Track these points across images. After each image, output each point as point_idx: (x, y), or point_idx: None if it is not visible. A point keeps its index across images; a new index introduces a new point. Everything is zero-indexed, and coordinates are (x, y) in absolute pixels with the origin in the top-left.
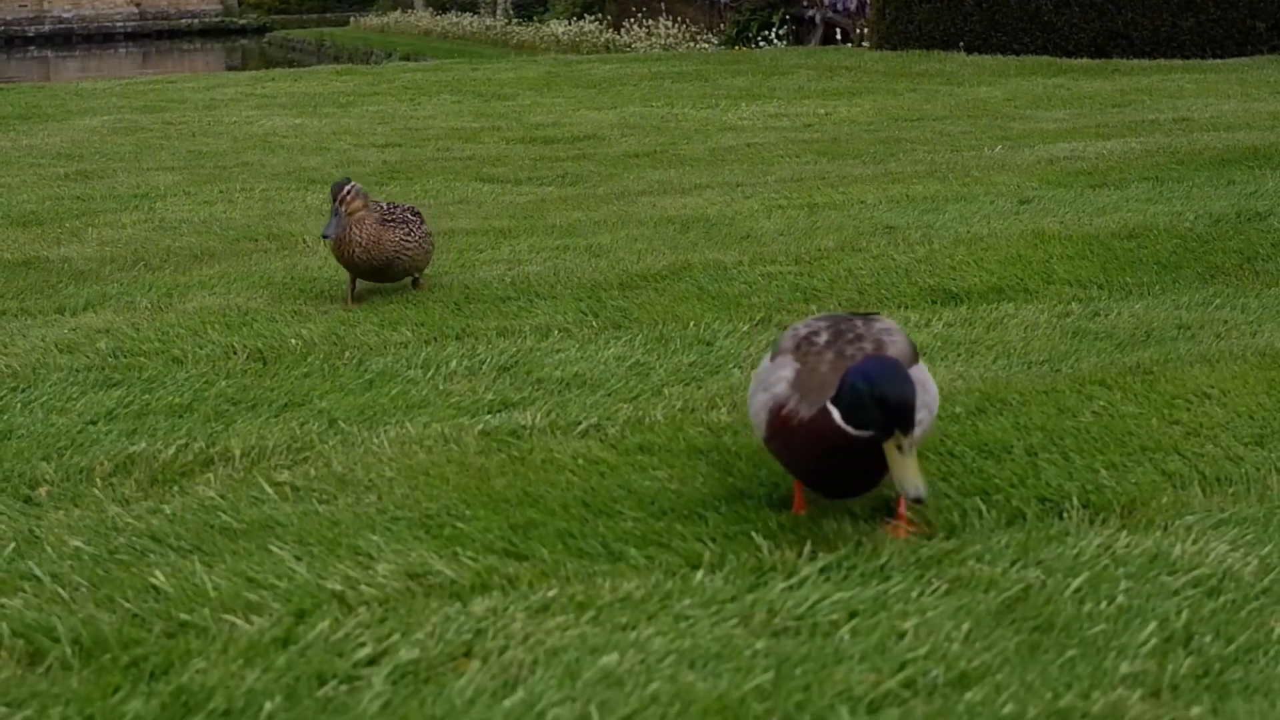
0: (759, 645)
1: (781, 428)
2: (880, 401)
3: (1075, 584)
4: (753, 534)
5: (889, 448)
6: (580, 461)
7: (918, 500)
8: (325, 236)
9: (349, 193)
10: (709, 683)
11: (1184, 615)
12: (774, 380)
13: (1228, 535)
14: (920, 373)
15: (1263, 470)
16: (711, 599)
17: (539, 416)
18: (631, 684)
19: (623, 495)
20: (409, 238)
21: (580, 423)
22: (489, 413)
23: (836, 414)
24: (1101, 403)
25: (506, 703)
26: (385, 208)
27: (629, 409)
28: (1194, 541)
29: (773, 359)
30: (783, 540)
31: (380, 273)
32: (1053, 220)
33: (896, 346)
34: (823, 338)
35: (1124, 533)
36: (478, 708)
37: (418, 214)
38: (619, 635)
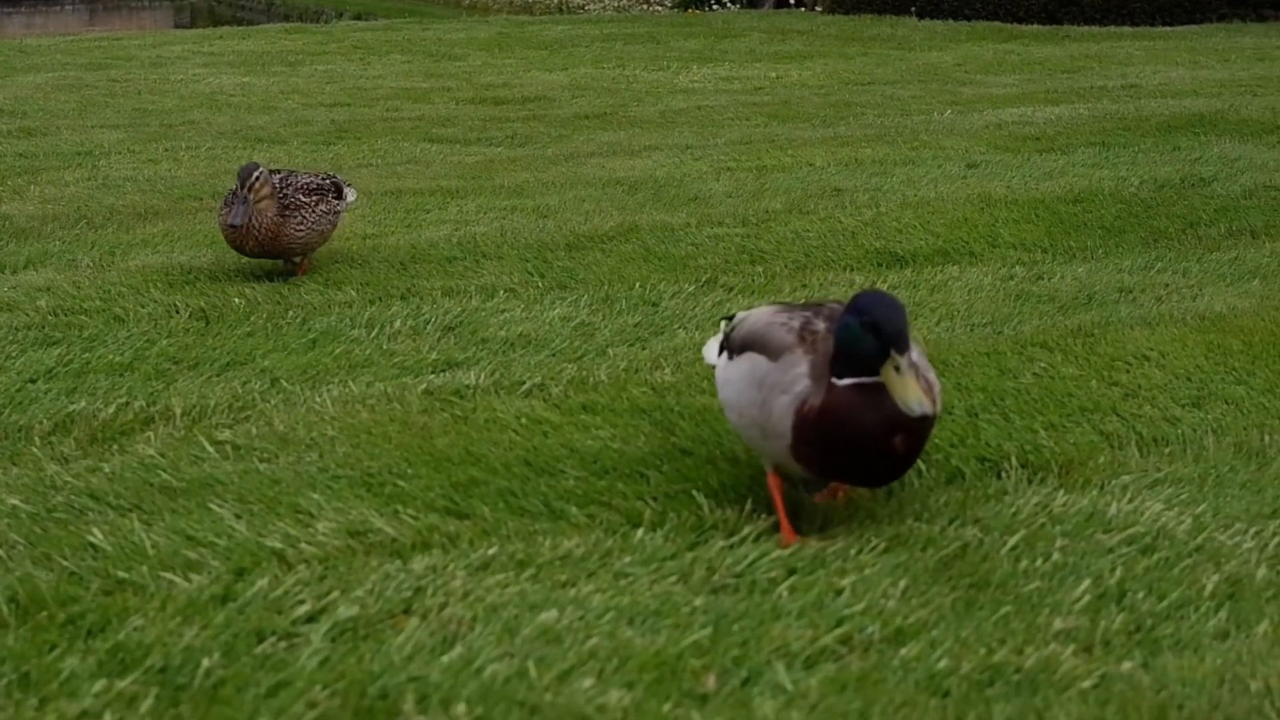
0: (698, 602)
1: (811, 425)
2: (873, 327)
3: (1012, 542)
4: (694, 493)
5: (886, 370)
6: (523, 421)
7: (924, 416)
8: (233, 225)
9: (258, 179)
10: (647, 638)
11: (1118, 572)
12: (791, 380)
13: (1163, 494)
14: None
15: (1199, 431)
16: (651, 557)
17: (483, 376)
18: (570, 640)
19: (565, 454)
20: (301, 226)
21: (524, 382)
22: (433, 372)
23: (839, 377)
24: (1042, 364)
25: (445, 658)
26: (280, 187)
27: (573, 369)
28: (1129, 501)
29: (778, 356)
30: (724, 499)
31: (273, 256)
32: (999, 184)
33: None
34: (819, 324)
35: (1061, 492)
36: (415, 663)
37: (315, 190)
38: (558, 592)
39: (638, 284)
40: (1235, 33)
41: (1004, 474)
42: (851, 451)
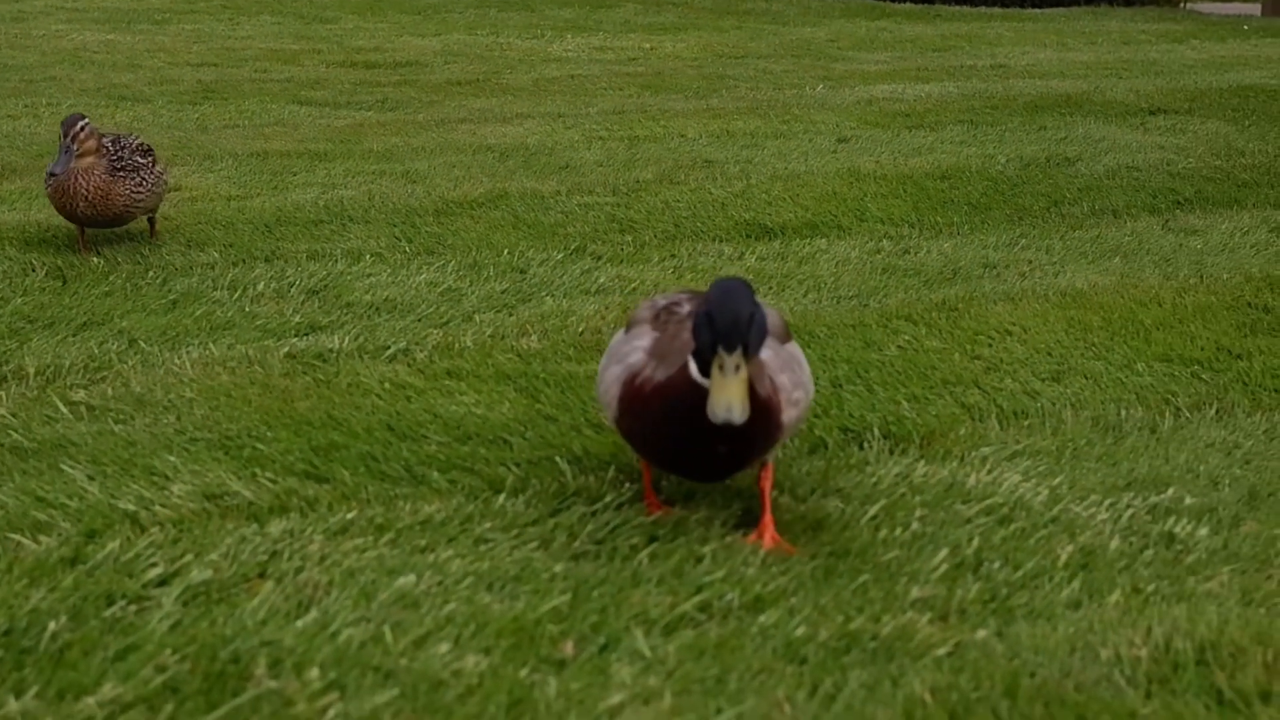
0: (557, 568)
1: (635, 399)
2: (707, 319)
3: (872, 511)
4: (557, 459)
5: (713, 367)
6: (387, 385)
7: (727, 423)
8: (52, 174)
9: (82, 130)
10: (505, 604)
11: (975, 542)
12: (628, 350)
13: (1021, 466)
14: (792, 351)
15: (1058, 405)
16: (512, 522)
17: (347, 340)
18: (427, 605)
19: (428, 419)
20: (140, 188)
21: (389, 347)
22: (295, 335)
23: (694, 366)
24: (907, 337)
25: (299, 623)
26: (113, 149)
27: (439, 334)
28: (989, 472)
29: (627, 332)
30: (587, 466)
31: (106, 224)
32: (869, 159)
33: (766, 319)
34: (685, 308)
35: (922, 463)
36: (269, 628)
37: (149, 152)
38: (417, 557)
39: (506, 251)
40: (1102, 16)
41: (866, 444)
42: (670, 441)
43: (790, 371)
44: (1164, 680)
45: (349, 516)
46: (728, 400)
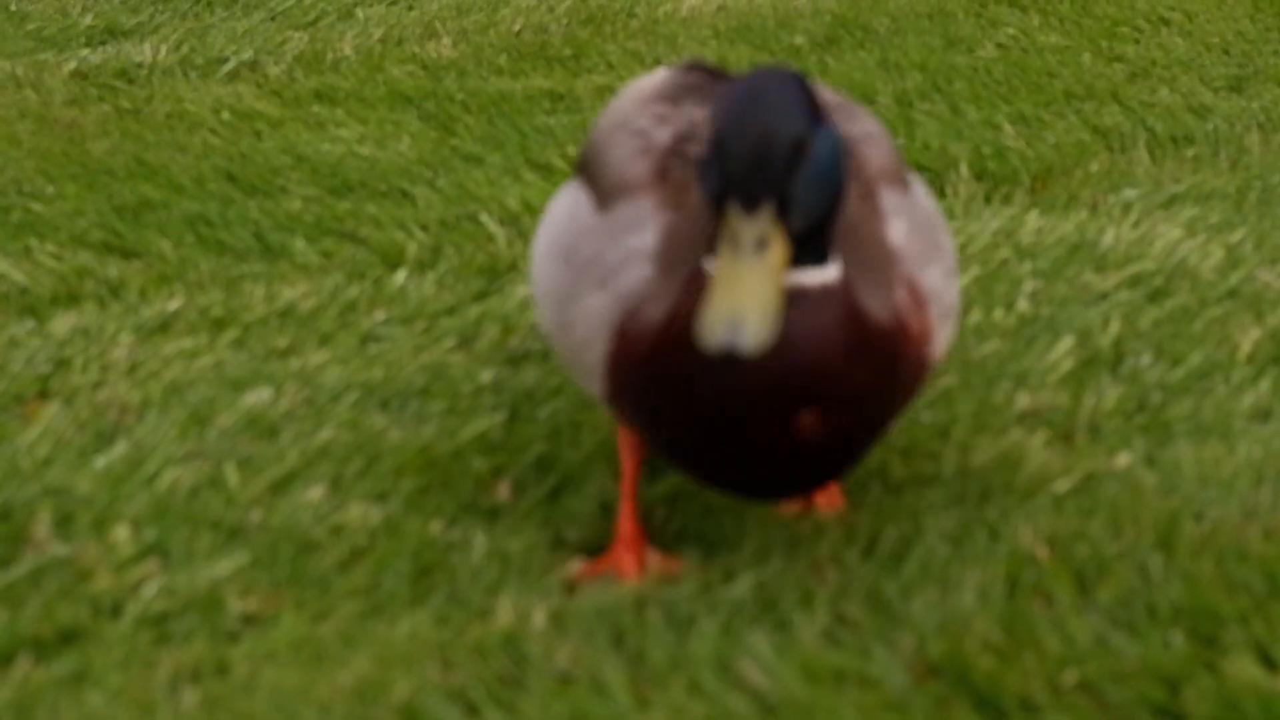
0: (485, 376)
1: (647, 366)
2: (717, 145)
3: (959, 284)
4: (483, 218)
5: (721, 233)
6: (225, 115)
7: (723, 351)
8: None
9: None
10: (409, 429)
11: (1113, 328)
12: (618, 259)
13: (1183, 217)
14: (928, 207)
15: (1238, 126)
16: (417, 312)
17: (163, 50)
18: (290, 433)
19: (289, 164)
20: None
21: (227, 59)
22: (87, 45)
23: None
24: (1011, 30)
25: (100, 461)
26: None
27: (302, 39)
28: (1134, 225)
29: (600, 200)
30: (528, 226)
31: None
32: None
33: (876, 147)
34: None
35: (1034, 213)
36: (55, 469)
37: None
38: (274, 364)
39: None
40: None
41: (950, 188)
42: (706, 427)
43: (937, 256)
44: None
45: (171, 307)
46: (732, 309)
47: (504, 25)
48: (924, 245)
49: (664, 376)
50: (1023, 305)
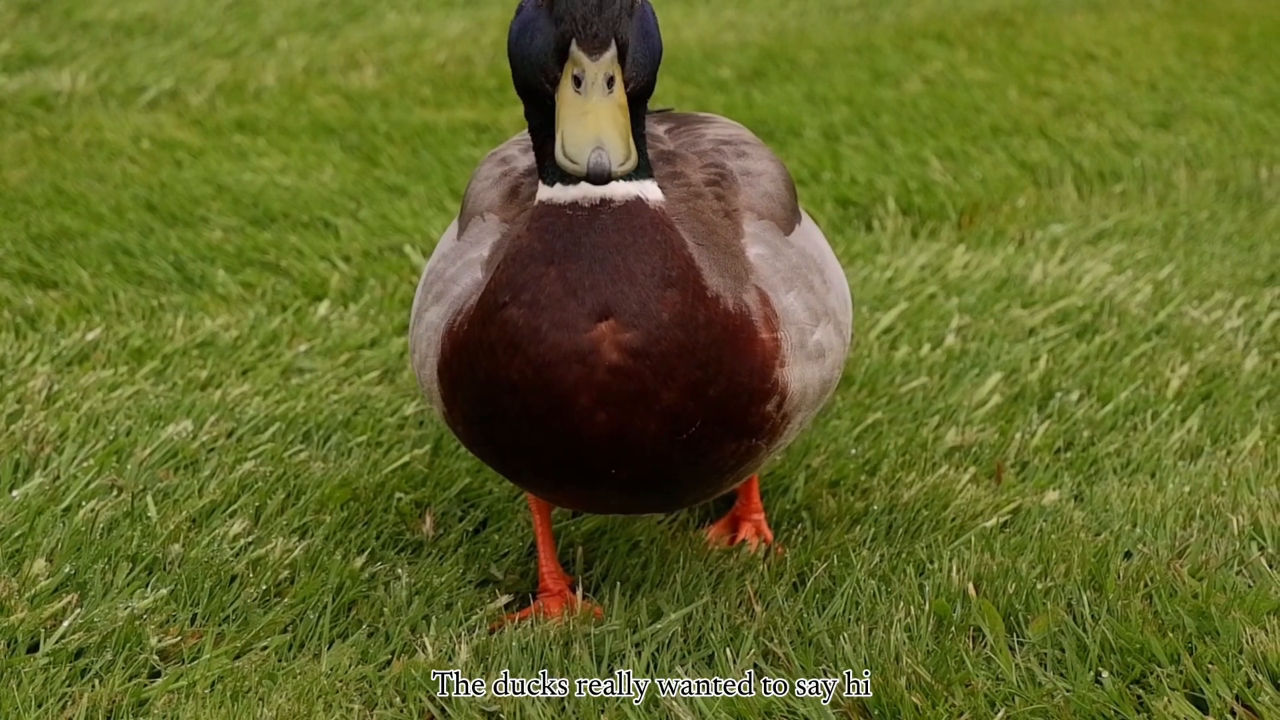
0: (410, 409)
1: (470, 362)
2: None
3: (886, 321)
4: (407, 249)
5: (563, 81)
6: (145, 144)
7: (593, 174)
8: None
9: None
10: (331, 463)
11: (1041, 364)
12: (455, 273)
13: (1110, 252)
14: (807, 247)
15: (1166, 162)
16: (341, 344)
17: (83, 78)
18: (211, 466)
19: (209, 194)
20: None
21: (147, 88)
22: (4, 71)
23: (545, 189)
24: (937, 65)
25: (17, 493)
26: None
27: (223, 68)
28: (1062, 261)
29: (460, 228)
30: None
31: None
32: None
33: (753, 183)
34: None
35: (961, 248)
36: None
37: None
38: (195, 397)
39: None
40: None
41: (877, 222)
42: (545, 427)
43: (801, 289)
44: None
45: (89, 337)
46: (594, 132)
47: (428, 56)
48: (787, 274)
49: (482, 348)
50: (950, 341)
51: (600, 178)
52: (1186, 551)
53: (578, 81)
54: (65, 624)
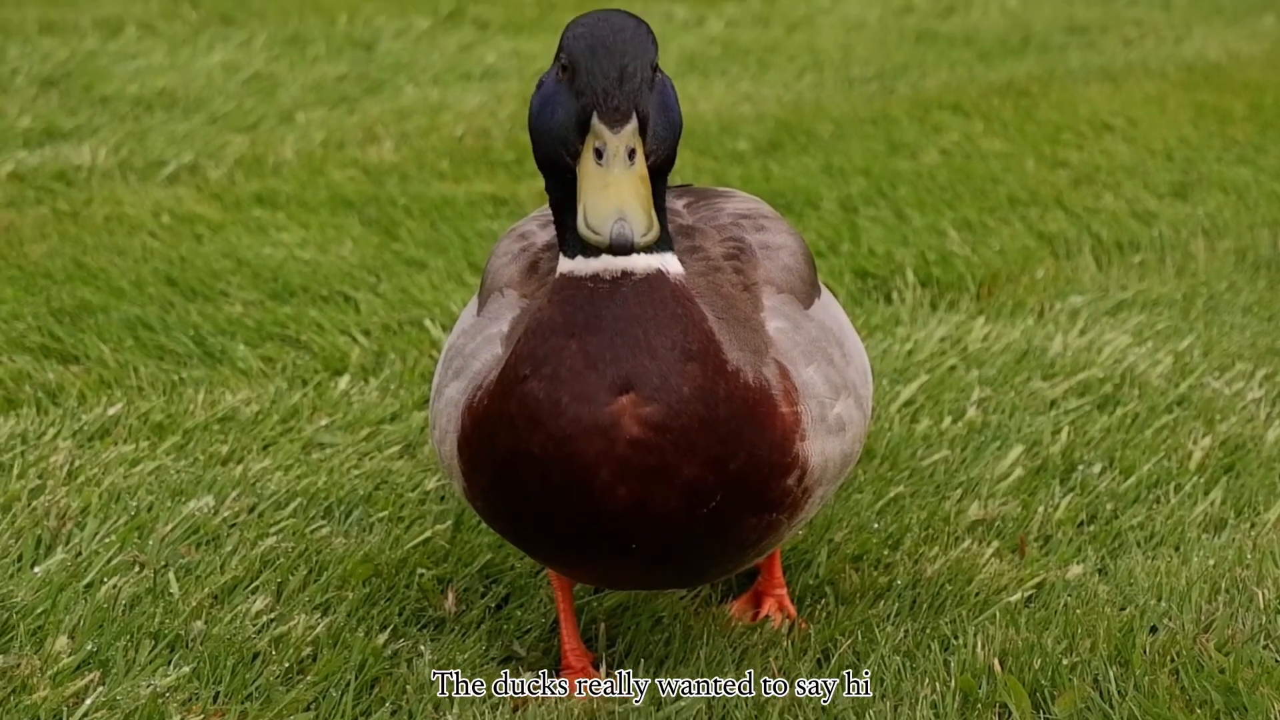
0: (432, 485)
1: (488, 438)
2: (575, 69)
3: (907, 394)
4: (427, 323)
5: (584, 153)
6: (166, 219)
7: (616, 245)
8: None
9: None
10: (353, 539)
11: (1063, 436)
12: (475, 349)
13: (1130, 323)
14: (826, 321)
15: (1183, 232)
16: (361, 418)
17: (102, 152)
18: (233, 541)
19: (230, 268)
20: None
21: (167, 162)
22: (25, 147)
23: (566, 262)
24: (954, 136)
25: (39, 569)
26: None
27: (243, 142)
28: (1082, 332)
29: (480, 304)
30: None
31: None
32: None
33: (772, 257)
34: None
35: (981, 319)
36: None
37: None
38: (216, 472)
39: (343, 16)
40: None
41: (896, 294)
42: (564, 503)
43: (821, 362)
44: None
45: (111, 412)
46: (616, 204)
47: (445, 130)
48: (807, 348)
49: (502, 421)
50: (971, 413)
51: (623, 249)
52: (1213, 626)
53: (599, 154)
54: (88, 702)
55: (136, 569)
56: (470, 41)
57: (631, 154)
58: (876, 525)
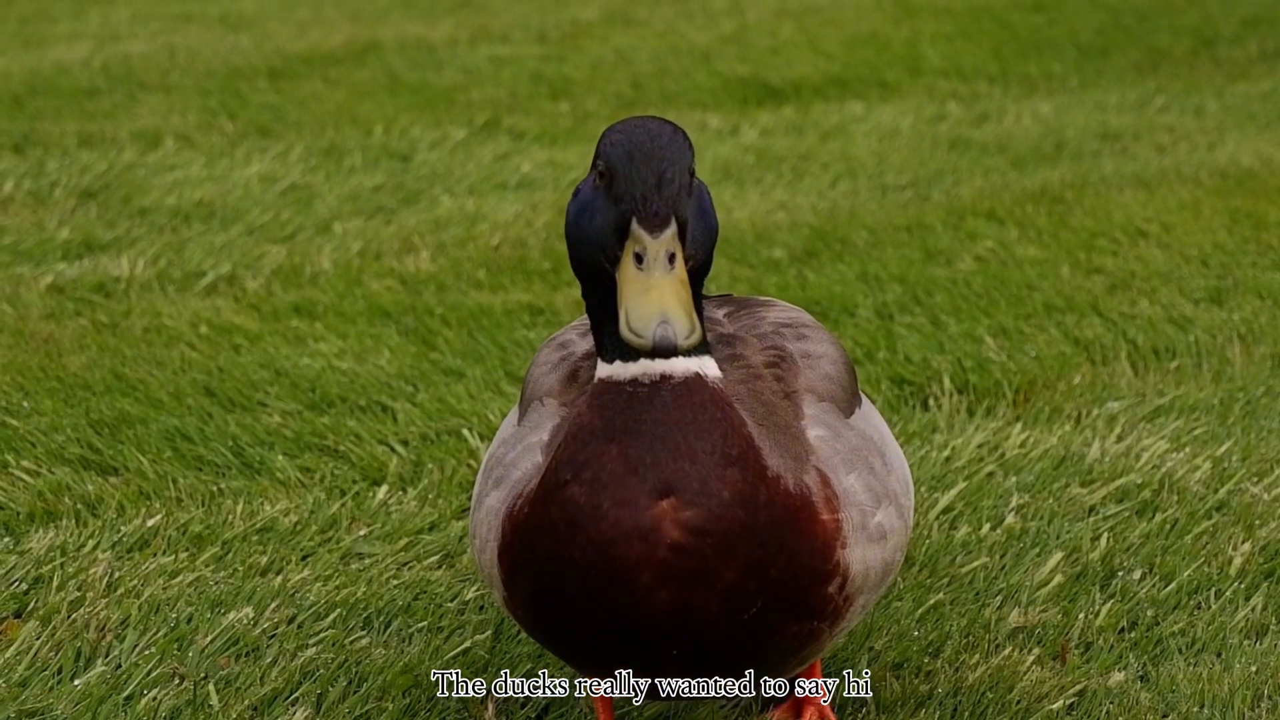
0: (470, 595)
1: (531, 548)
2: (613, 176)
3: (945, 500)
4: (465, 433)
5: (624, 259)
6: (204, 330)
7: (659, 348)
8: None
9: None
10: (393, 649)
11: (1102, 542)
12: (515, 458)
13: (1168, 429)
14: (867, 430)
15: (1220, 338)
16: (400, 528)
17: (141, 264)
18: (272, 653)
19: (268, 379)
20: None
21: (205, 273)
22: (64, 258)
23: (604, 367)
24: (989, 243)
25: (79, 682)
26: None
27: (280, 253)
28: (1119, 438)
29: (521, 413)
30: None
31: None
32: None
33: (813, 366)
34: None
35: (1018, 426)
36: (32, 691)
37: None
38: (255, 583)
39: (379, 127)
40: None
41: (933, 401)
42: (610, 612)
43: (862, 470)
44: None
45: (150, 524)
46: (659, 307)
47: (482, 239)
48: (848, 456)
49: (543, 527)
50: (1010, 520)
51: (666, 351)
52: None
53: (639, 259)
54: None
55: (176, 681)
56: (505, 151)
57: (671, 258)
58: (917, 633)
